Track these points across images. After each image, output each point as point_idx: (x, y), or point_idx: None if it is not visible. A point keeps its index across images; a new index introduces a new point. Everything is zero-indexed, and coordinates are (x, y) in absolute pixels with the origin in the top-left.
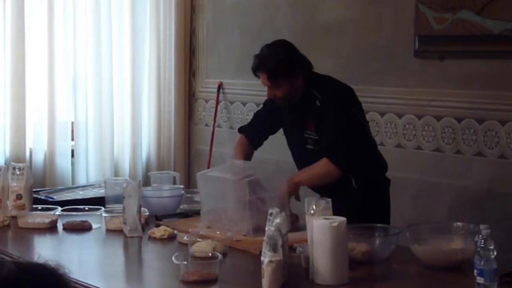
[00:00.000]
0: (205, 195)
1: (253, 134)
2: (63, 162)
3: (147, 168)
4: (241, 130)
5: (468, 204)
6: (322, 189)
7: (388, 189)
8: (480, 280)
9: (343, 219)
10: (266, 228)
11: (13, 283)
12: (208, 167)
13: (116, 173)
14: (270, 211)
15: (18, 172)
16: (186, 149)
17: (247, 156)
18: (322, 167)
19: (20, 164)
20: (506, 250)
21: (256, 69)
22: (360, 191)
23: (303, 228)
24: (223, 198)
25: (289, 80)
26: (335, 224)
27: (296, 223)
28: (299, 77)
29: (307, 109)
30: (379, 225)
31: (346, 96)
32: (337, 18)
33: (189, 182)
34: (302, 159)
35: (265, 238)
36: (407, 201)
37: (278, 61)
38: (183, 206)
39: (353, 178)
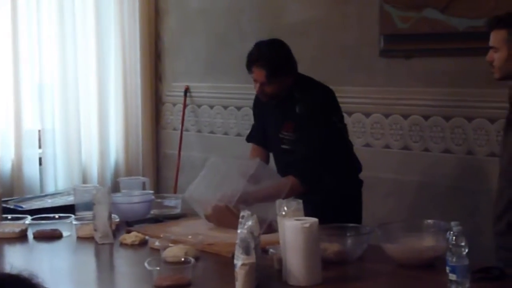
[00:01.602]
0: (204, 174)
1: (258, 138)
2: (31, 170)
3: (116, 174)
4: (248, 138)
5: (437, 201)
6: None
7: (361, 190)
8: (452, 277)
9: (314, 220)
10: (238, 231)
11: None
12: (177, 171)
13: (84, 179)
14: (241, 213)
15: None
16: (154, 153)
17: (264, 161)
18: (286, 186)
19: None
20: (476, 245)
21: (254, 65)
22: (333, 191)
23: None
24: (222, 178)
25: (283, 78)
26: (306, 225)
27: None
28: (290, 77)
29: (286, 110)
30: (350, 224)
31: (325, 103)
32: (302, 19)
33: (159, 187)
34: (276, 157)
35: (237, 241)
36: (377, 200)
37: (279, 59)
38: (154, 211)
39: (327, 179)
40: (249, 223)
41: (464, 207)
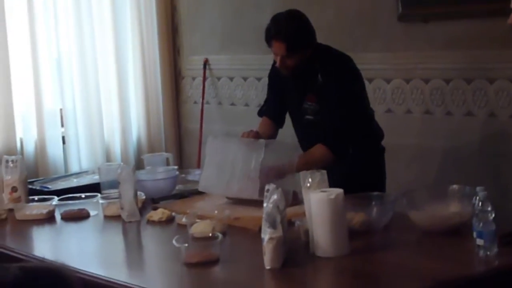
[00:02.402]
0: (209, 159)
1: (271, 111)
2: (54, 150)
3: (139, 150)
4: (260, 113)
5: (461, 165)
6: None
7: (383, 157)
8: (480, 242)
9: (340, 191)
10: (264, 205)
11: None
12: (200, 145)
13: (107, 157)
14: (266, 187)
15: (11, 165)
16: (176, 128)
17: (271, 137)
18: (319, 155)
19: (13, 157)
20: (501, 208)
21: (274, 38)
22: (356, 160)
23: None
24: (232, 162)
25: (303, 51)
26: (332, 197)
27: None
28: (310, 47)
29: (308, 81)
30: (375, 193)
31: (347, 70)
32: None
33: (182, 161)
34: (301, 128)
35: (263, 215)
36: (400, 166)
37: (299, 32)
38: (179, 187)
39: (351, 147)
40: (275, 196)
41: (488, 170)
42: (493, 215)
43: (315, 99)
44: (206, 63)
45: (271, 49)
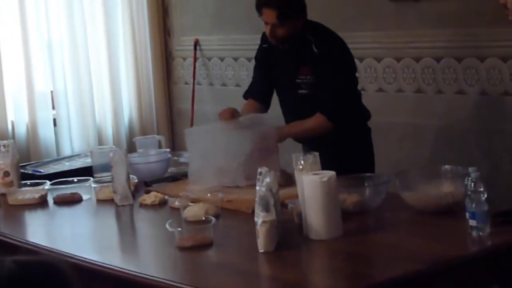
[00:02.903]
0: (194, 151)
1: (258, 92)
2: (46, 132)
3: (130, 131)
4: (246, 95)
5: (453, 143)
6: (305, 139)
7: (370, 137)
8: (472, 223)
9: (332, 173)
10: (257, 188)
11: (14, 282)
12: (192, 126)
13: (99, 138)
14: (259, 170)
15: (3, 149)
16: (167, 109)
17: None
18: (315, 121)
19: (5, 141)
20: (494, 186)
21: (264, 5)
22: (343, 140)
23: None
24: (214, 150)
25: (294, 20)
26: (325, 179)
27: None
28: (301, 18)
29: (301, 53)
30: (368, 174)
31: (341, 44)
32: None
33: (174, 143)
34: (293, 105)
35: (256, 198)
36: (392, 145)
37: (290, 0)
38: (171, 170)
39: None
40: (267, 179)
41: (480, 148)
42: (486, 195)
43: (310, 71)
44: (196, 43)
45: (261, 18)
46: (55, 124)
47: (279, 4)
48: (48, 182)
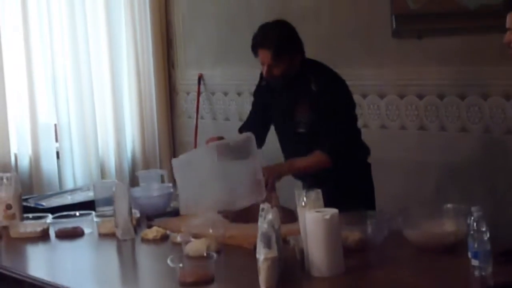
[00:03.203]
0: (182, 180)
1: (253, 129)
2: (49, 165)
3: (133, 164)
4: (240, 129)
5: (456, 181)
6: (304, 175)
7: (370, 173)
8: (475, 262)
9: (335, 211)
10: (259, 224)
11: None
12: None
13: (102, 171)
14: (261, 206)
15: (6, 182)
16: (170, 142)
17: None
18: (315, 158)
19: (8, 174)
20: (496, 224)
21: (259, 46)
22: (343, 175)
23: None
24: (197, 173)
25: (289, 58)
26: (327, 217)
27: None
28: (297, 57)
29: (300, 91)
30: (370, 211)
31: (340, 82)
32: (312, 2)
33: None
34: (291, 142)
35: (258, 234)
36: (395, 181)
37: (282, 38)
38: (173, 204)
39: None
40: (269, 216)
41: (482, 186)
42: (488, 235)
43: (308, 110)
44: (200, 77)
45: (257, 59)
46: (58, 157)
47: (274, 45)
48: (50, 216)
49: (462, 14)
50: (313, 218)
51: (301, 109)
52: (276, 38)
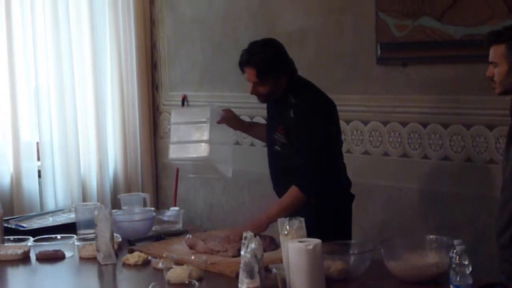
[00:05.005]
0: (175, 129)
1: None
2: (30, 183)
3: (115, 185)
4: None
5: (437, 209)
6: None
7: (351, 205)
8: None
9: (317, 241)
10: (242, 252)
11: None
12: (176, 181)
13: (84, 191)
14: (244, 234)
15: None
16: (153, 163)
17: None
18: (291, 197)
19: None
20: (478, 253)
21: (245, 64)
22: (322, 209)
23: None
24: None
25: (275, 78)
26: (310, 247)
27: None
28: (284, 77)
29: (281, 113)
30: (353, 241)
31: (322, 111)
32: (298, 27)
33: (158, 199)
34: (270, 157)
35: (241, 264)
36: (377, 207)
37: (269, 58)
38: (155, 228)
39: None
40: (252, 245)
41: (464, 214)
42: (470, 269)
43: (284, 131)
44: (184, 99)
45: (244, 77)
46: (39, 176)
47: (259, 64)
48: (32, 238)
49: (446, 43)
50: (296, 248)
51: (279, 129)
52: (262, 58)
